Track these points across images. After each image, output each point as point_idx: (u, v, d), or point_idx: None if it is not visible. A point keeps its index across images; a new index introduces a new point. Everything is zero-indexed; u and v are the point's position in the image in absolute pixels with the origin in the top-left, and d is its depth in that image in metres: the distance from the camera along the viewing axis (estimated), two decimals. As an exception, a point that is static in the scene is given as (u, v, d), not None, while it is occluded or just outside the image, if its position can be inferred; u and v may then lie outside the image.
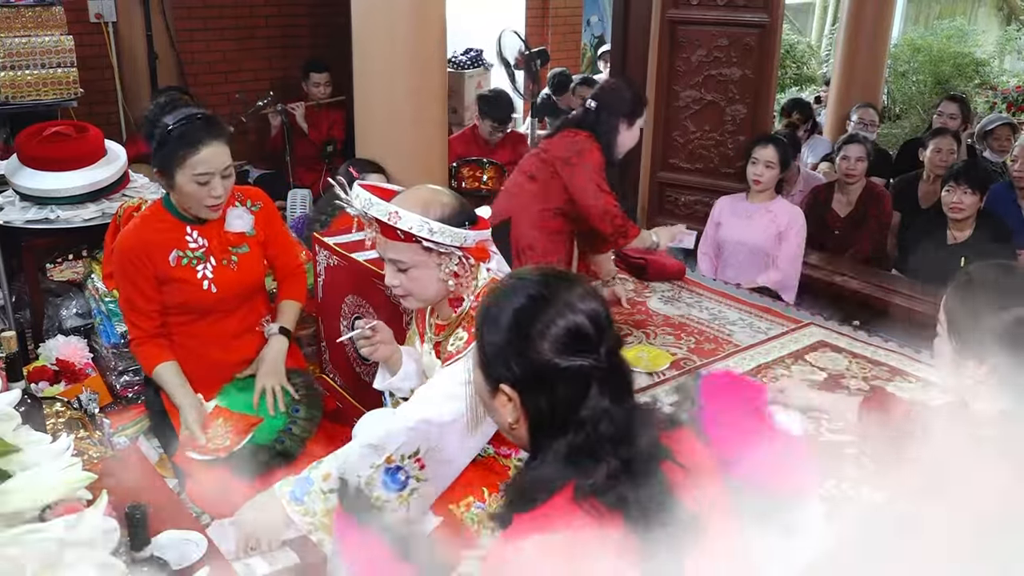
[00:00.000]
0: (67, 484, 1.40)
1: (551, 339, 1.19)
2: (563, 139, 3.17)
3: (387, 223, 1.83)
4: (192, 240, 2.41)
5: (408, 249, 1.86)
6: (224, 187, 2.32)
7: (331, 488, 1.77)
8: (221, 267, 2.44)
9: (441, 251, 1.86)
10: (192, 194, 2.30)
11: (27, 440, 1.46)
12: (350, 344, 2.85)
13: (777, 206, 3.83)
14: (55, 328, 3.14)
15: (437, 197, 1.90)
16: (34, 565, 1.20)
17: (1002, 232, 3.83)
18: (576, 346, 1.19)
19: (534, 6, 7.51)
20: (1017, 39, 9.24)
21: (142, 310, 2.40)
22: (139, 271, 2.36)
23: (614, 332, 1.24)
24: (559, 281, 1.25)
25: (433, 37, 3.79)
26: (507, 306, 1.23)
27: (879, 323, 3.76)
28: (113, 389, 2.94)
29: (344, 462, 1.80)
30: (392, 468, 1.80)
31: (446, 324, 2.00)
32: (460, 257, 1.89)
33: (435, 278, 1.90)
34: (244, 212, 2.49)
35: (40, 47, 3.50)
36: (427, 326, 2.10)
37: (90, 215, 3.06)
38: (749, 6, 4.30)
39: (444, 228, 1.82)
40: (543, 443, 1.21)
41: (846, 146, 4.29)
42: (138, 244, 2.37)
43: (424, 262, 1.87)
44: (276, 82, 5.85)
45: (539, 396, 1.20)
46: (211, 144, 2.26)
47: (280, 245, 2.61)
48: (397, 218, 1.81)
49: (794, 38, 8.83)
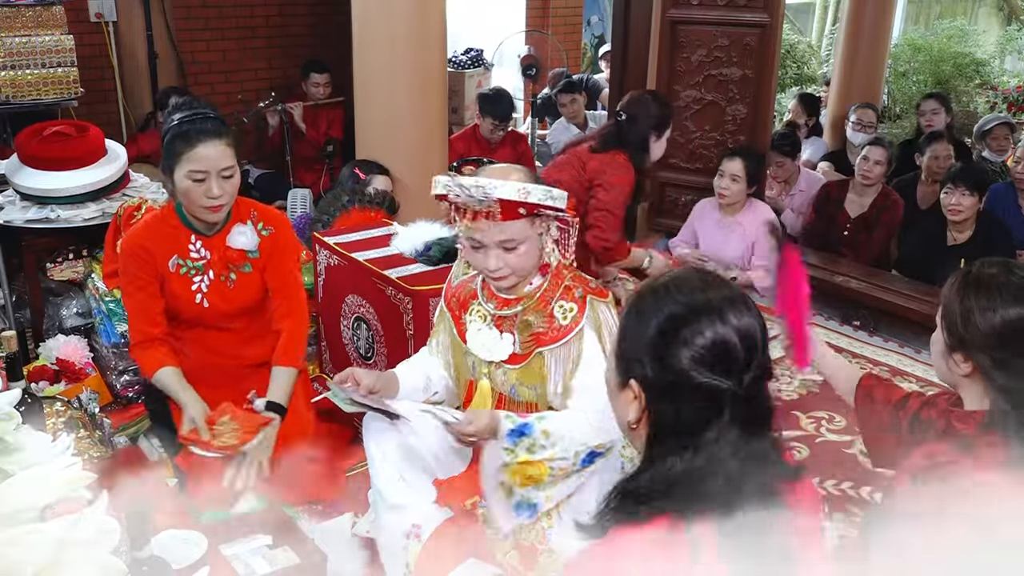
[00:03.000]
0: (67, 484, 1.40)
1: (693, 349, 1.12)
2: (604, 159, 3.30)
3: (516, 200, 1.81)
4: (194, 250, 2.34)
5: (523, 225, 1.86)
6: (223, 189, 2.22)
7: (543, 444, 1.80)
8: (218, 282, 2.37)
9: (548, 217, 1.88)
10: (188, 193, 2.22)
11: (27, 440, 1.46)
12: (351, 345, 2.86)
13: (746, 217, 3.90)
14: (55, 328, 3.14)
15: (516, 170, 1.92)
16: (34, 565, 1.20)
17: (1002, 233, 3.83)
18: (718, 364, 1.11)
19: (534, 6, 7.51)
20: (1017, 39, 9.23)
21: (147, 312, 2.32)
22: (144, 272, 2.31)
23: (765, 358, 1.16)
24: (718, 289, 1.18)
25: (433, 37, 3.80)
26: (660, 305, 1.16)
27: (879, 323, 3.77)
28: (113, 389, 2.94)
29: (562, 429, 1.82)
30: (594, 452, 1.85)
31: (517, 298, 1.97)
32: (559, 222, 1.91)
33: (537, 248, 1.91)
34: (250, 231, 2.38)
35: (40, 47, 3.50)
36: (478, 302, 2.04)
37: (90, 215, 3.06)
38: (749, 6, 4.30)
39: (553, 191, 1.83)
40: (658, 453, 1.14)
41: (868, 147, 4.27)
42: (142, 244, 2.32)
43: (531, 235, 1.88)
44: (276, 82, 5.85)
45: (665, 404, 1.14)
46: (209, 142, 2.19)
47: (280, 280, 2.44)
48: (525, 193, 1.80)
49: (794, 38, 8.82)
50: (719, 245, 3.95)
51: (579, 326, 1.90)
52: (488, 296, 2.02)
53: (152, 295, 2.33)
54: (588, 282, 1.98)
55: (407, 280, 2.56)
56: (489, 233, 1.85)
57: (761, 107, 4.40)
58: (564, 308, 1.93)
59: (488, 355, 2.00)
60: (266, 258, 2.40)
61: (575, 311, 1.91)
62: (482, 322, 2.02)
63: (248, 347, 2.48)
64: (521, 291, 1.97)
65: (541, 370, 1.94)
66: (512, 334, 1.96)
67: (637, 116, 3.33)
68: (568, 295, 1.93)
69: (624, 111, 3.35)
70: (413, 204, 3.50)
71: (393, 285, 2.57)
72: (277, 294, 2.44)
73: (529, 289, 1.96)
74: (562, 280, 1.95)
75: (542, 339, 1.92)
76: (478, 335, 2.02)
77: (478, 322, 2.03)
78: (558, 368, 1.93)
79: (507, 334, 1.97)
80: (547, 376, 1.93)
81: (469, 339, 2.04)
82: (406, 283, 2.54)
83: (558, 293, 1.94)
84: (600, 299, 1.94)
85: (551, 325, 1.92)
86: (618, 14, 5.01)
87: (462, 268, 2.13)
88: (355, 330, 2.81)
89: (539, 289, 1.95)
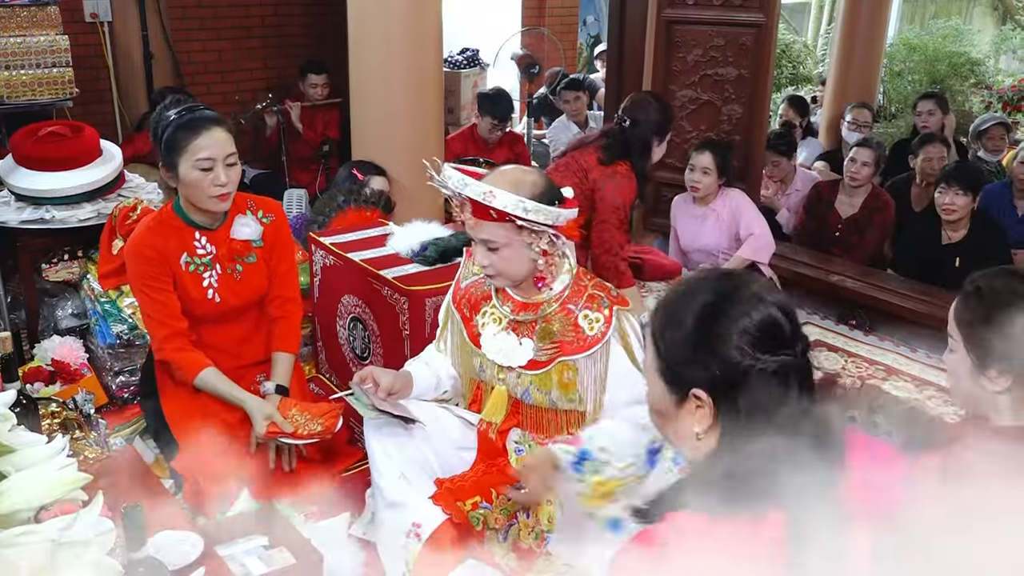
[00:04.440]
0: (63, 485, 1.40)
1: (746, 334, 1.09)
2: (607, 172, 3.27)
3: (481, 202, 1.83)
4: (200, 246, 2.37)
5: (500, 228, 1.87)
6: (228, 176, 2.26)
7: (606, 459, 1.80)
8: (225, 275, 2.40)
9: (534, 229, 1.87)
10: (196, 183, 2.24)
11: (22, 441, 1.46)
12: (347, 346, 2.85)
13: (719, 203, 3.90)
14: (51, 329, 3.14)
15: (527, 176, 1.91)
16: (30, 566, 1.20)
17: (997, 233, 3.84)
18: (773, 341, 1.09)
19: (530, 6, 7.51)
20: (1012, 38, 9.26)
21: (170, 309, 2.33)
22: (161, 271, 2.32)
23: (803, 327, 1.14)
24: (738, 276, 1.17)
25: (429, 36, 3.79)
26: (690, 303, 1.13)
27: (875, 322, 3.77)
28: (109, 390, 2.93)
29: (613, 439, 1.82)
30: (652, 448, 1.84)
31: (534, 304, 1.98)
32: (551, 236, 1.90)
33: (526, 257, 1.91)
34: (252, 221, 2.43)
35: (35, 47, 3.48)
36: (493, 305, 2.05)
37: (86, 215, 3.06)
38: (745, 6, 4.30)
39: (539, 207, 1.83)
40: (732, 446, 1.10)
41: (855, 148, 4.28)
42: (152, 244, 2.32)
43: (515, 241, 1.88)
44: (272, 82, 5.84)
45: (737, 399, 1.09)
46: (211, 129, 2.23)
47: (283, 267, 2.51)
48: (492, 197, 1.82)
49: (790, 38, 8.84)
50: (695, 235, 3.95)
51: (606, 337, 1.91)
52: (504, 299, 2.02)
53: (171, 293, 2.34)
54: (610, 290, 1.99)
55: (403, 280, 2.55)
56: (473, 229, 1.90)
57: (757, 107, 4.40)
58: (590, 318, 1.94)
59: (505, 360, 2.01)
60: (269, 246, 2.46)
61: (602, 322, 1.92)
62: (497, 325, 2.02)
63: (248, 345, 2.51)
64: (538, 297, 1.97)
65: (562, 377, 1.94)
66: (531, 340, 1.97)
67: (639, 120, 3.30)
68: (593, 304, 1.94)
69: (627, 115, 3.34)
70: (409, 204, 3.50)
71: (389, 285, 2.57)
72: (278, 281, 2.49)
73: (549, 295, 1.96)
74: (585, 288, 1.96)
75: (566, 348, 1.93)
76: (494, 339, 2.03)
77: (493, 326, 2.03)
78: (590, 378, 1.93)
79: (526, 339, 1.98)
80: (576, 386, 1.94)
81: (484, 343, 2.04)
82: (402, 283, 2.54)
83: (582, 301, 1.94)
84: (624, 308, 1.96)
85: (577, 335, 1.93)
86: (614, 14, 5.01)
87: (471, 268, 2.13)
88: (351, 330, 2.81)
89: (559, 296, 1.95)
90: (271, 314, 2.52)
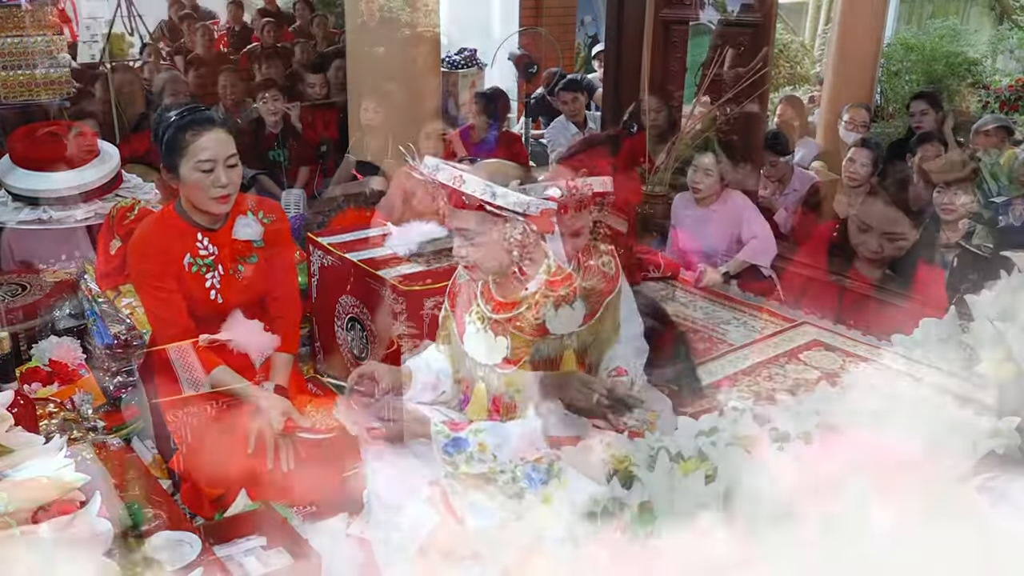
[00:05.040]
0: (60, 485, 1.40)
1: None
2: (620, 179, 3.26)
3: (452, 186, 1.83)
4: (203, 247, 2.37)
5: (473, 216, 1.87)
6: (229, 177, 2.26)
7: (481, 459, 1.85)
8: (228, 276, 2.40)
9: (506, 217, 1.87)
10: (197, 184, 2.24)
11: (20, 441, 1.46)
12: (345, 346, 2.85)
13: (720, 204, 3.90)
14: (48, 329, 3.13)
15: (503, 167, 1.93)
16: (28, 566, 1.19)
17: (995, 232, 3.84)
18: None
19: (528, 6, 7.52)
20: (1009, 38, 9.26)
21: (177, 305, 2.33)
22: (166, 269, 2.32)
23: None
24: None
25: (428, 36, 3.79)
26: None
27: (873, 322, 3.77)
28: (106, 390, 2.93)
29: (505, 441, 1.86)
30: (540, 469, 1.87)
31: (511, 303, 1.98)
32: (524, 226, 1.89)
33: (500, 247, 1.90)
34: (253, 221, 2.43)
35: (33, 47, 3.48)
36: (477, 303, 2.06)
37: (83, 215, 3.05)
38: (742, 6, 4.30)
39: (507, 192, 1.83)
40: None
41: (853, 149, 4.28)
42: (155, 243, 2.32)
43: (488, 230, 1.88)
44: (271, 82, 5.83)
45: None
46: (212, 130, 2.23)
47: (282, 267, 2.52)
48: (461, 182, 1.82)
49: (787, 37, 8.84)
50: (696, 237, 3.95)
51: (620, 274, 1.99)
52: (486, 299, 2.02)
53: (176, 292, 2.34)
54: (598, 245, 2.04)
55: (401, 280, 2.55)
56: (449, 218, 1.92)
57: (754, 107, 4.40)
58: (603, 260, 1.99)
59: (483, 358, 2.01)
60: (270, 246, 2.46)
61: (612, 262, 1.99)
62: (480, 324, 2.03)
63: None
64: (517, 295, 1.97)
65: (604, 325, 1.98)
66: (506, 338, 1.97)
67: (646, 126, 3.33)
68: (591, 252, 1.98)
69: (636, 122, 3.36)
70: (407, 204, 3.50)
71: (388, 286, 2.57)
72: (279, 282, 2.49)
73: (524, 294, 1.96)
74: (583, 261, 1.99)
75: (606, 291, 1.97)
76: (474, 337, 2.03)
77: (476, 324, 2.04)
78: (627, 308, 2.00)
79: (501, 338, 1.98)
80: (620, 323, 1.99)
81: (466, 340, 2.05)
82: (401, 283, 2.54)
83: (593, 259, 1.99)
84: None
85: (605, 276, 1.97)
86: (611, 14, 5.00)
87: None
88: (349, 331, 2.81)
89: (537, 292, 1.95)
90: (270, 314, 2.52)
